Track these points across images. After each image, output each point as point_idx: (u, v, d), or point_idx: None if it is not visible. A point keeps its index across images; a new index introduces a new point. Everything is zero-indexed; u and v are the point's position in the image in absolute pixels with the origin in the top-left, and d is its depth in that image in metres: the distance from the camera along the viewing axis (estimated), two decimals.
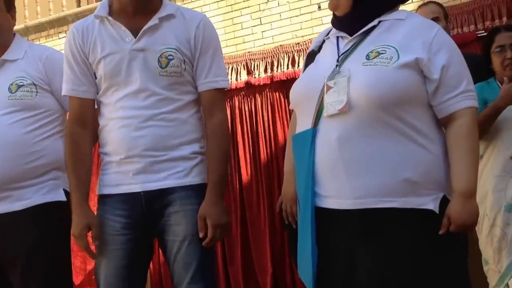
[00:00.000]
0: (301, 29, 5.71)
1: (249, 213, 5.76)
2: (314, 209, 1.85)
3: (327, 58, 1.95)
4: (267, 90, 5.73)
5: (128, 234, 2.14)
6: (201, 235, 2.09)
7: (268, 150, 5.70)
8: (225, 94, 2.25)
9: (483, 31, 4.81)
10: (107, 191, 2.18)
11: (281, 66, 5.68)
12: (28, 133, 2.40)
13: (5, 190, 2.38)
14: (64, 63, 2.22)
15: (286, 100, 5.64)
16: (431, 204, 1.79)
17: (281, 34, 5.82)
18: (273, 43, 5.84)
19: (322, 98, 1.85)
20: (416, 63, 1.79)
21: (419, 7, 3.69)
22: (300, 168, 1.91)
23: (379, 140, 1.77)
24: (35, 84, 2.44)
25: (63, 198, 2.45)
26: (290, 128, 2.15)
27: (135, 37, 2.13)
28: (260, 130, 5.70)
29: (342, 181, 1.79)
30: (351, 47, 1.89)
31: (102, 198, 2.20)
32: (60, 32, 7.17)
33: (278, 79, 5.68)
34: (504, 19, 4.79)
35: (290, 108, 2.15)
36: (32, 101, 2.42)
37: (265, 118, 5.71)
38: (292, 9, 5.78)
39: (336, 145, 1.79)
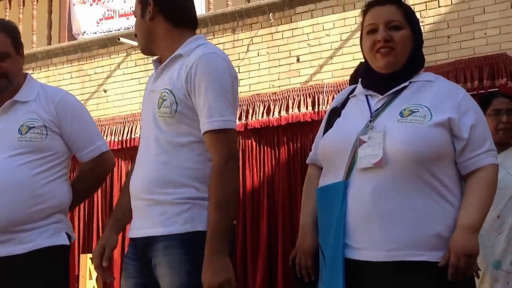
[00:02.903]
0: (278, 79, 5.80)
1: None
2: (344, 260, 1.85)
3: (356, 114, 2.00)
4: (240, 137, 5.72)
5: (138, 277, 2.07)
6: None
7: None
8: (221, 134, 1.96)
9: None
10: (129, 234, 2.16)
11: (256, 114, 5.71)
12: (34, 176, 2.35)
13: (8, 233, 2.31)
14: None
15: (258, 147, 5.62)
16: None
17: (258, 83, 5.90)
18: (249, 91, 5.91)
19: (355, 151, 1.89)
20: (448, 122, 1.88)
21: None
22: (329, 219, 1.91)
23: (412, 194, 1.83)
24: (45, 126, 2.40)
25: (65, 242, 2.41)
26: (307, 183, 2.13)
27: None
28: None
29: (375, 233, 1.83)
30: (382, 105, 1.96)
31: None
32: (28, 69, 7.05)
33: (252, 127, 5.69)
34: (476, 82, 5.09)
35: (307, 162, 2.16)
36: (41, 144, 2.38)
37: None
38: (271, 60, 5.88)
39: (370, 198, 1.83)
